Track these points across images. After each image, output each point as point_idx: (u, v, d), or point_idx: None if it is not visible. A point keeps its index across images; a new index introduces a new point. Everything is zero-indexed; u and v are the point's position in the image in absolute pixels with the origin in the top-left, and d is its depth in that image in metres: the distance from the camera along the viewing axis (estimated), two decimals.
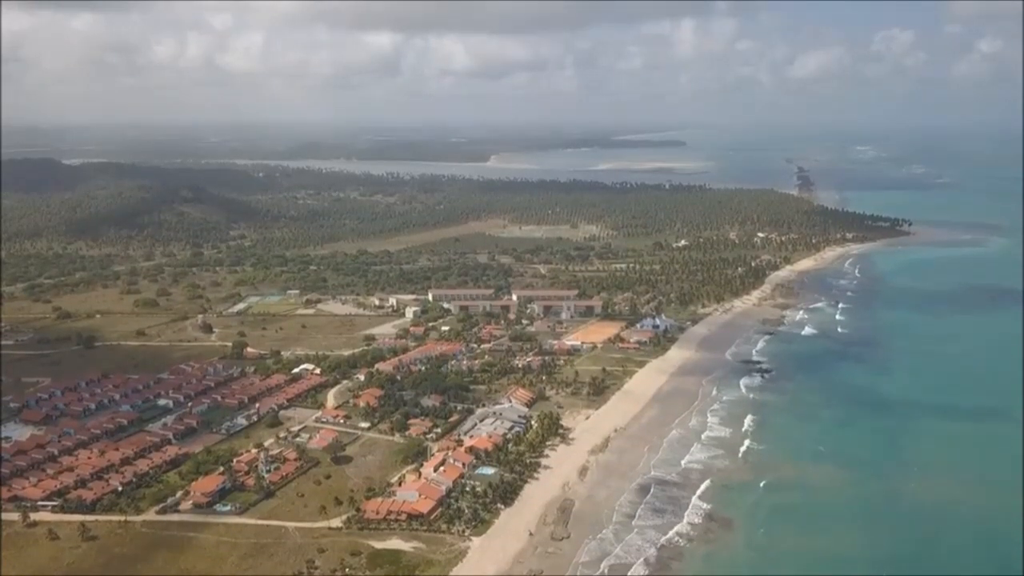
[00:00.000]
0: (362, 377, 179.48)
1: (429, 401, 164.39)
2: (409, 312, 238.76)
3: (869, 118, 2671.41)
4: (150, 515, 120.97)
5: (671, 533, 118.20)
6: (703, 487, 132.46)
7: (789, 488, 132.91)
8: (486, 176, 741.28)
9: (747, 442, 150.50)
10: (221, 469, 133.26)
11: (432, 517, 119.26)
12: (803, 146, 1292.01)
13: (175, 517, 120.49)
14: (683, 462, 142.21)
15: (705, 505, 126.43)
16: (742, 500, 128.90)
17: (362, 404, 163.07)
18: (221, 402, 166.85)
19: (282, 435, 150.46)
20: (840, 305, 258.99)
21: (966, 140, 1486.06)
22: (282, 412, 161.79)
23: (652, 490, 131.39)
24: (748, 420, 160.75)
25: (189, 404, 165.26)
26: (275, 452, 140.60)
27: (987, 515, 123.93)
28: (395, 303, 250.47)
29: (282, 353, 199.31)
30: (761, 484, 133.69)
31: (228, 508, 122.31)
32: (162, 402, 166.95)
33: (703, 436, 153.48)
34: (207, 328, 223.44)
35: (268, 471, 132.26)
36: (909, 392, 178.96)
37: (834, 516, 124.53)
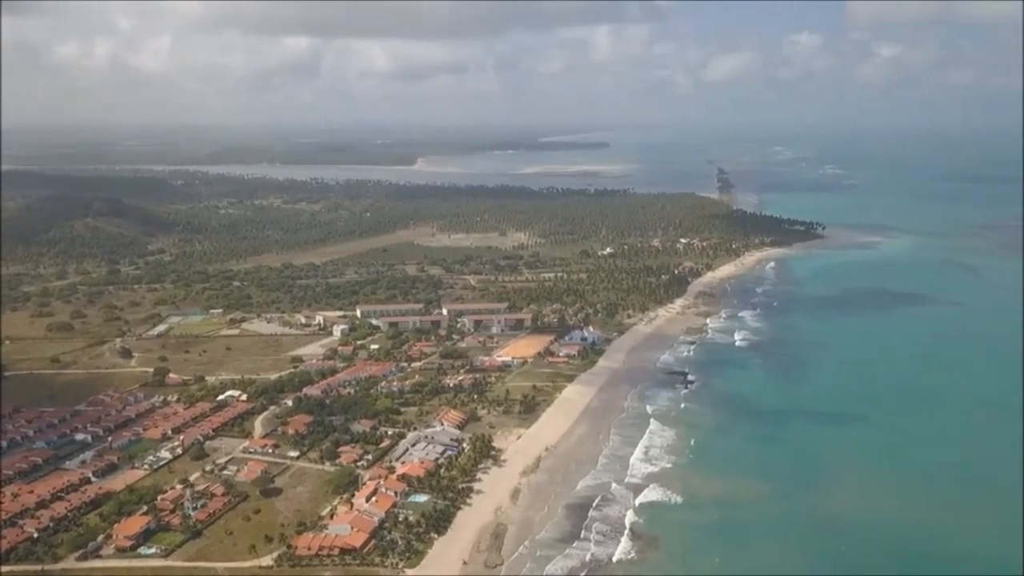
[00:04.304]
0: (290, 403, 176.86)
1: (359, 426, 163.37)
2: (337, 330, 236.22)
3: (783, 119, 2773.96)
4: (69, 562, 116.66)
5: (600, 554, 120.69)
6: (631, 504, 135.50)
7: (715, 503, 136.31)
8: (413, 180, 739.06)
9: (673, 456, 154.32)
10: (145, 509, 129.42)
11: (365, 551, 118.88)
12: (723, 147, 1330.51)
13: (97, 563, 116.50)
14: (611, 479, 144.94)
15: (632, 523, 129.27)
16: (669, 517, 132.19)
17: (291, 432, 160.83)
18: (143, 434, 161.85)
19: (208, 468, 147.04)
20: (760, 312, 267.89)
21: (871, 141, 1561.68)
22: (208, 443, 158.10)
23: (581, 510, 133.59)
24: (672, 433, 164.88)
25: (109, 438, 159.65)
26: (201, 488, 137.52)
27: (901, 524, 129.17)
28: (322, 321, 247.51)
29: (206, 378, 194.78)
30: (689, 500, 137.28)
31: (153, 551, 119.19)
32: (80, 437, 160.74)
33: (630, 452, 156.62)
34: (126, 353, 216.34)
35: (195, 508, 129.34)
36: (822, 402, 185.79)
37: (763, 531, 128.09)
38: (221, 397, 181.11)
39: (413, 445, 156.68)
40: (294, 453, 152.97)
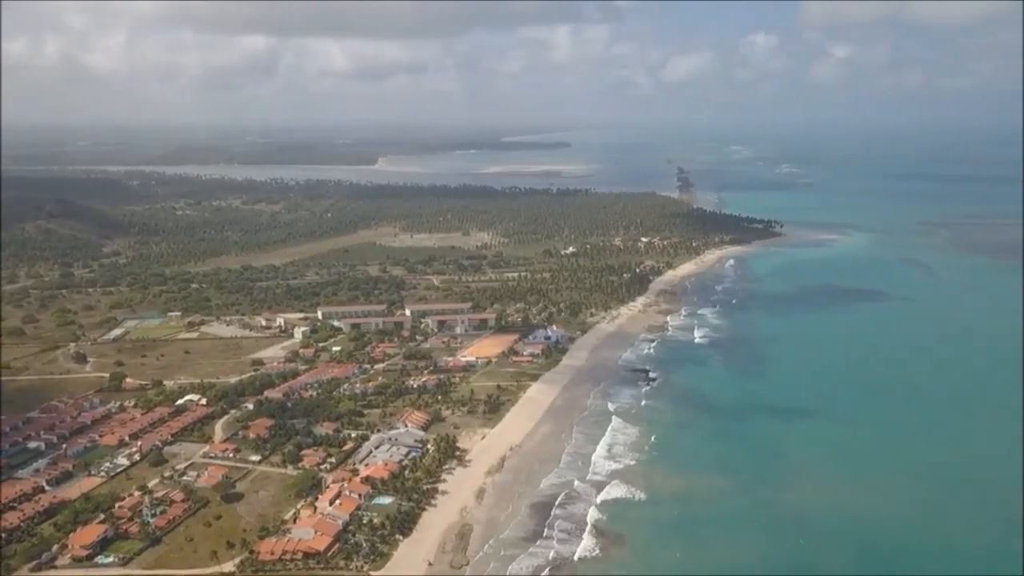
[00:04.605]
0: (251, 406, 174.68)
1: (322, 429, 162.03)
2: (298, 333, 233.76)
3: (741, 118, 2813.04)
4: (23, 573, 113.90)
5: (564, 552, 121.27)
6: (594, 502, 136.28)
7: (677, 499, 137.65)
8: (375, 180, 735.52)
9: (635, 453, 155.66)
10: (101, 517, 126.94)
11: (329, 554, 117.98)
12: (682, 146, 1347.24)
13: (52, 574, 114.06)
14: (575, 477, 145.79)
15: (595, 520, 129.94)
16: (631, 513, 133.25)
17: (252, 436, 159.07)
18: (99, 441, 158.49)
19: (167, 474, 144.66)
20: (719, 309, 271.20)
21: (826, 140, 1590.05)
22: (167, 448, 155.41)
23: (545, 509, 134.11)
24: (634, 430, 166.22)
25: (63, 445, 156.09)
26: (160, 494, 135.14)
27: (863, 517, 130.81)
28: (283, 323, 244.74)
29: (165, 383, 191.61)
30: (652, 496, 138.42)
31: (111, 560, 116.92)
32: (33, 445, 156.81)
33: (592, 449, 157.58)
34: (81, 358, 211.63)
35: (154, 515, 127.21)
36: (781, 397, 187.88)
37: (725, 526, 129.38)
38: (180, 402, 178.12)
39: (377, 447, 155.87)
40: (256, 457, 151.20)
